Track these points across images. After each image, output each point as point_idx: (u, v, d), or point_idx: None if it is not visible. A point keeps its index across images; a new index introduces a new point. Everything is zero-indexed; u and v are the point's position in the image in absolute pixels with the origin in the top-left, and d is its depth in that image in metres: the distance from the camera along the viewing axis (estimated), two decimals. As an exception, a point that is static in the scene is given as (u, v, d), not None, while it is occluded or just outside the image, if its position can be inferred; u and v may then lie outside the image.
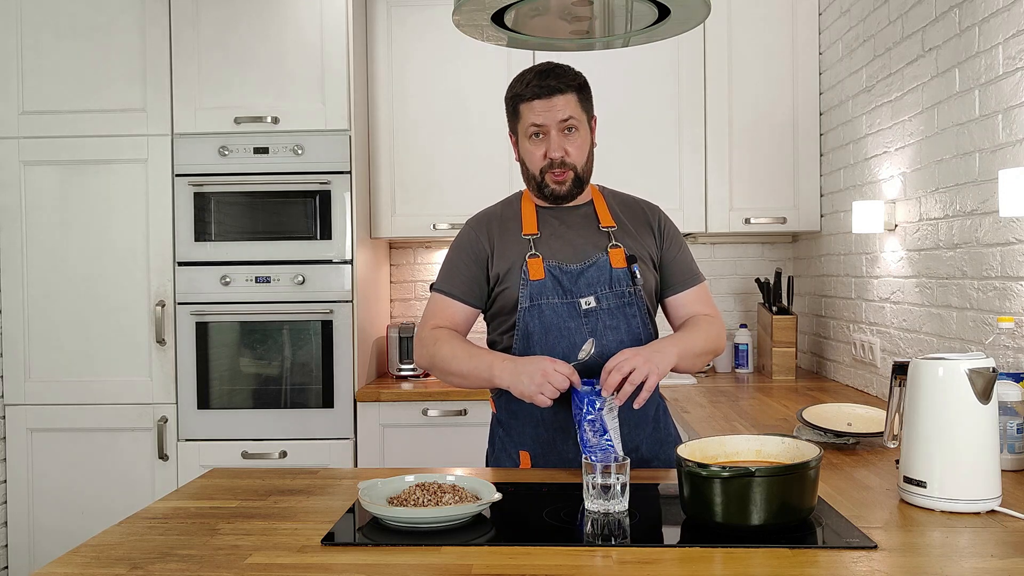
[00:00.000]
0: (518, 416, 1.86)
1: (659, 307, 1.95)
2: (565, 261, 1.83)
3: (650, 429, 1.87)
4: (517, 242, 1.86)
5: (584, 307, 1.80)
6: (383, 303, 3.59)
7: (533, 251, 1.83)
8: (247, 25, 3.07)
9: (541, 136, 1.81)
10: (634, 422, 1.83)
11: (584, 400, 1.64)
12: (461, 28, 1.76)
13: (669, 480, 1.65)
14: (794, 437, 1.57)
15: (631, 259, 1.84)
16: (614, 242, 1.85)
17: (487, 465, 1.94)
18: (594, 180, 2.02)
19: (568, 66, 1.84)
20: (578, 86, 1.82)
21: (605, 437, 1.64)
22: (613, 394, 1.63)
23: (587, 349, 1.70)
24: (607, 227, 1.87)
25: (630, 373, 1.62)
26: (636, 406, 1.65)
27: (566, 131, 1.80)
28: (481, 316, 1.93)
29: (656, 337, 1.86)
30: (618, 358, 1.64)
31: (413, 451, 3.04)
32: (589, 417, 1.63)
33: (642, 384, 1.63)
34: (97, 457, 3.07)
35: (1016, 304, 1.94)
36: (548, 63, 1.83)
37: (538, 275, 1.81)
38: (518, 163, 1.90)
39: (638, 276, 1.83)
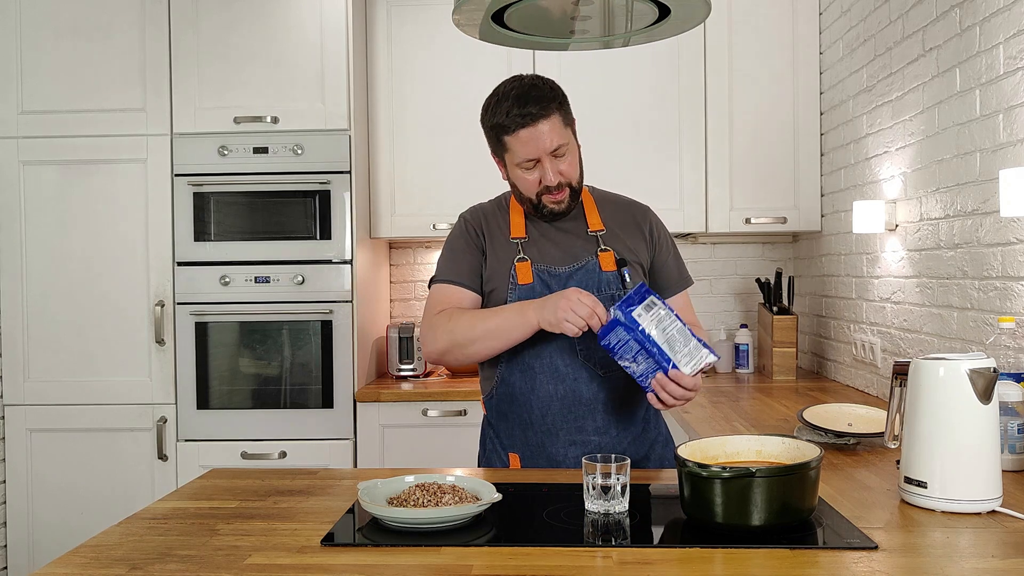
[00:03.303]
0: (508, 418, 1.85)
1: None
2: (554, 264, 1.82)
3: (639, 430, 1.87)
4: (505, 244, 1.85)
5: None
6: (383, 303, 3.59)
7: (521, 255, 1.82)
8: (247, 25, 3.06)
9: (533, 166, 1.76)
10: (625, 423, 1.83)
11: (616, 325, 1.62)
12: (461, 28, 1.76)
13: (660, 480, 1.65)
14: (794, 437, 1.56)
15: (621, 262, 1.82)
16: (603, 246, 1.84)
17: (478, 467, 1.93)
18: (594, 181, 2.01)
19: (542, 82, 1.76)
20: (558, 104, 1.75)
21: (651, 350, 1.61)
22: (646, 294, 1.63)
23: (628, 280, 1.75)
24: (595, 231, 1.85)
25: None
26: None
27: (557, 156, 1.76)
28: None
29: None
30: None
31: (413, 451, 3.04)
32: (620, 336, 1.62)
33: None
34: (97, 457, 3.07)
35: (1017, 304, 1.94)
36: (521, 83, 1.75)
37: (527, 279, 1.80)
38: (506, 182, 1.86)
39: (627, 280, 1.81)
